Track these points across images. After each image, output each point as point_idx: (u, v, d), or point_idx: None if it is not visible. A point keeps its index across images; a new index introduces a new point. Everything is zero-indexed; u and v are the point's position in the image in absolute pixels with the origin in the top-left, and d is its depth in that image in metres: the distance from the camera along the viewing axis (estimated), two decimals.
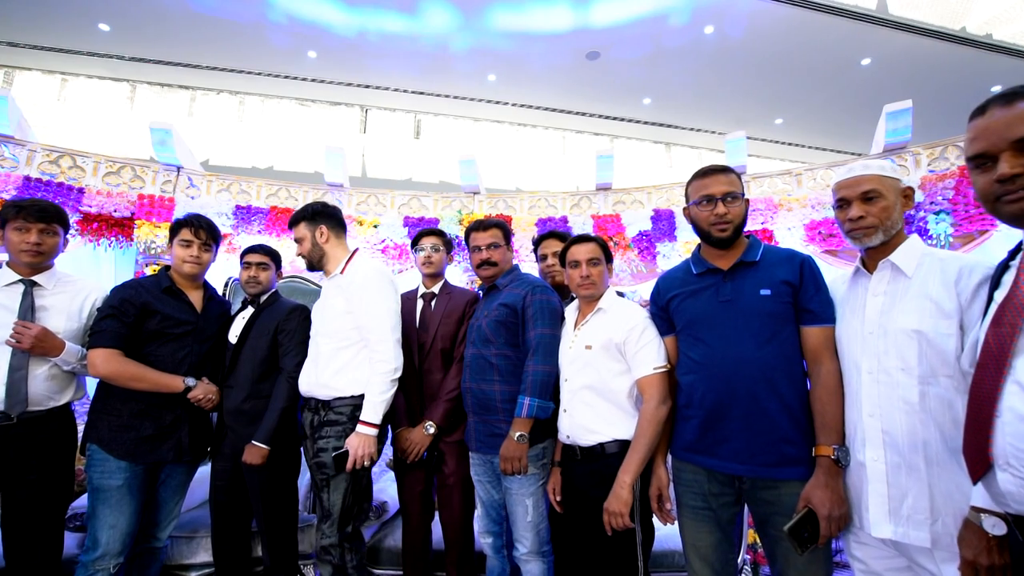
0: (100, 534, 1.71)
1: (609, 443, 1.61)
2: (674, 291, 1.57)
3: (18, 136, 3.82)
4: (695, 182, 1.54)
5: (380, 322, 1.88)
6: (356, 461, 1.76)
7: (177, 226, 2.05)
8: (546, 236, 2.27)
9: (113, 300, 1.85)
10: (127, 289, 1.91)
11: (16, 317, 1.68)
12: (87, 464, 1.78)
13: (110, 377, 1.78)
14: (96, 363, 1.76)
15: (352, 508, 1.87)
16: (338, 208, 2.13)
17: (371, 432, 1.79)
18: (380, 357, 1.85)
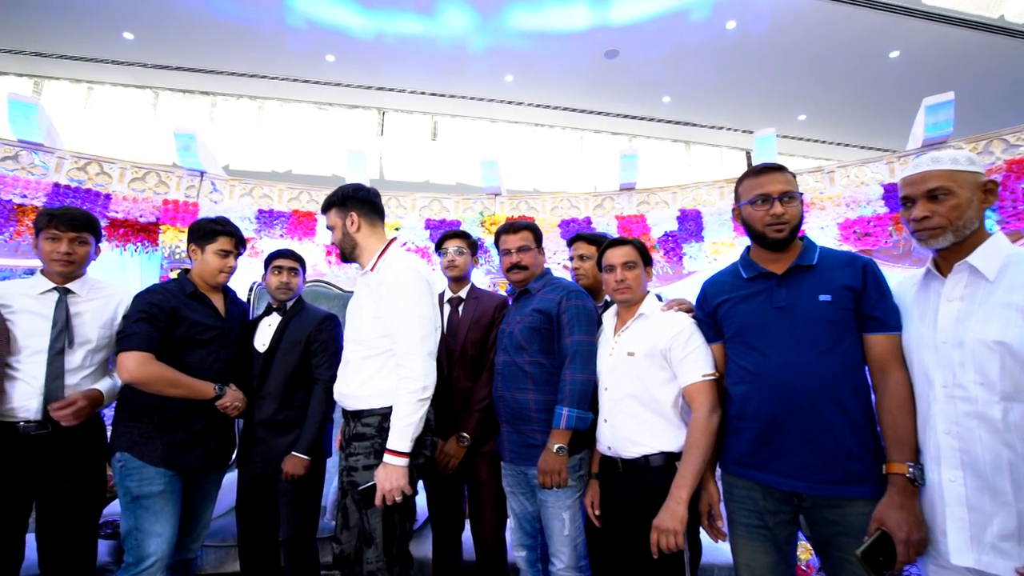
0: (148, 543, 1.65)
1: (654, 455, 1.53)
2: (722, 296, 1.49)
3: (48, 144, 3.87)
4: (748, 181, 1.46)
5: (409, 331, 1.59)
6: (385, 497, 1.51)
7: (212, 233, 1.94)
8: (575, 238, 2.20)
9: (141, 305, 1.76)
10: (154, 294, 1.83)
11: (51, 325, 1.67)
12: (121, 474, 1.69)
13: (143, 381, 1.68)
14: (128, 366, 1.66)
15: (396, 529, 1.64)
16: (374, 191, 1.83)
17: (399, 463, 1.51)
18: (406, 373, 1.56)
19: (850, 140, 9.33)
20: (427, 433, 1.67)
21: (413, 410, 1.54)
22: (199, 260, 1.94)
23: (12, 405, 1.60)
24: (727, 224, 4.05)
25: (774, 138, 4.01)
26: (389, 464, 1.51)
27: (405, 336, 1.59)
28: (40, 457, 1.62)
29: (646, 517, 1.49)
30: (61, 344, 1.68)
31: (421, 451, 1.65)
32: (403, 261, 1.70)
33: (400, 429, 1.54)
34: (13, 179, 3.65)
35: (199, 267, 1.95)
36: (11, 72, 7.78)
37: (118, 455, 1.72)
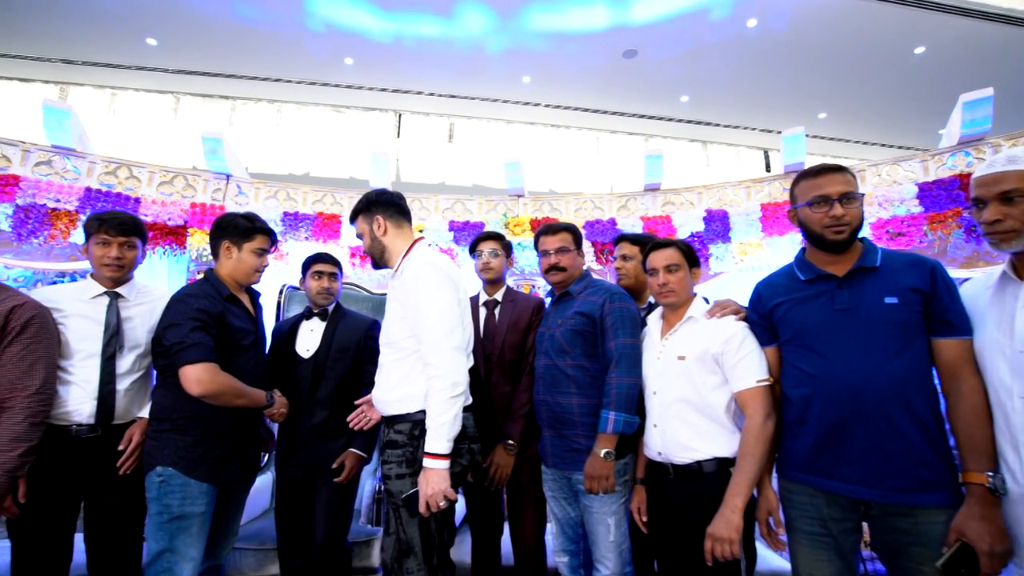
0: (182, 568, 1.57)
1: (707, 461, 1.50)
2: (778, 299, 1.46)
3: (79, 149, 3.93)
4: (806, 182, 1.42)
5: (431, 327, 1.53)
6: (428, 504, 1.44)
7: (251, 231, 1.84)
8: (619, 238, 2.18)
9: (190, 311, 1.64)
10: (198, 299, 1.70)
11: (103, 329, 1.69)
12: (161, 490, 1.57)
13: (214, 394, 1.59)
14: (200, 379, 1.57)
15: (435, 538, 1.57)
16: (399, 195, 1.82)
17: (438, 465, 1.44)
18: (434, 371, 1.50)
19: (871, 138, 9.18)
20: (463, 441, 1.60)
21: (446, 408, 1.47)
22: (234, 259, 1.82)
23: (67, 408, 1.61)
24: (755, 224, 4.00)
25: (803, 137, 3.95)
26: (428, 469, 1.44)
27: (428, 332, 1.53)
28: (90, 460, 1.63)
29: (700, 524, 1.47)
30: (113, 348, 1.69)
31: (457, 460, 1.57)
32: (423, 257, 1.66)
33: (434, 430, 1.46)
34: (47, 184, 3.71)
35: (234, 266, 1.82)
36: (38, 79, 7.94)
37: (159, 469, 1.59)
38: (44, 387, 1.52)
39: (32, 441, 1.47)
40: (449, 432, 1.46)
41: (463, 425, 1.59)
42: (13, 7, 6.31)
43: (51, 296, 1.68)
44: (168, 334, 1.62)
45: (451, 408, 1.47)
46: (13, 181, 3.59)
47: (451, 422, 1.46)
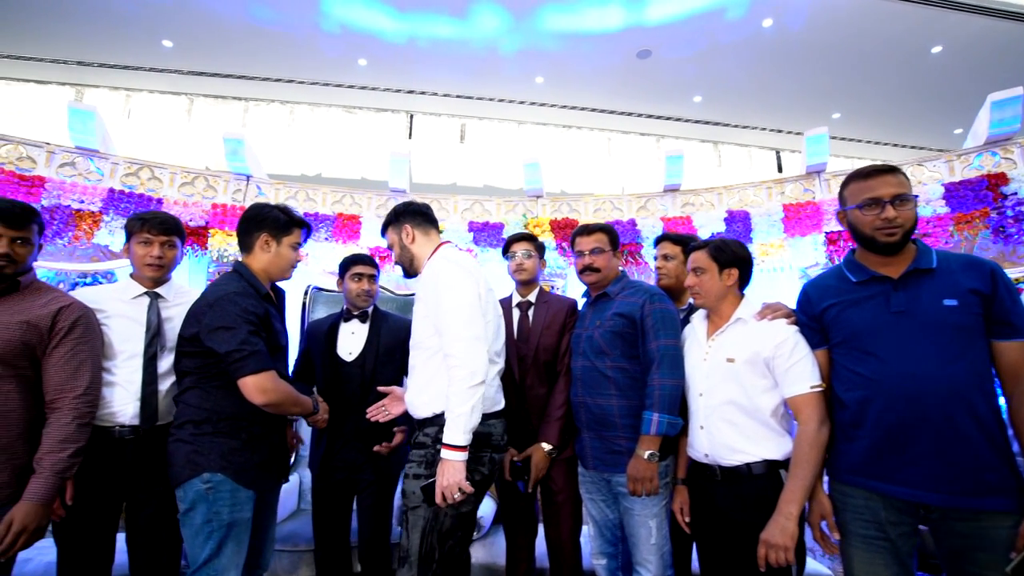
0: None
1: (756, 463, 1.49)
2: (829, 300, 1.45)
3: (102, 150, 3.96)
4: (856, 184, 1.41)
5: (450, 318, 1.52)
6: (443, 493, 1.42)
7: (290, 224, 1.74)
8: (661, 238, 2.17)
9: (241, 312, 1.52)
10: (245, 297, 1.57)
11: (144, 329, 1.69)
12: (209, 497, 1.48)
13: (276, 403, 1.52)
14: (267, 389, 1.48)
15: (433, 553, 1.50)
16: (425, 204, 1.85)
17: (454, 457, 1.41)
18: (454, 361, 1.48)
19: (885, 138, 9.12)
20: (485, 449, 1.58)
21: (464, 399, 1.44)
22: (272, 253, 1.70)
23: (111, 410, 1.61)
24: (776, 225, 3.98)
25: (826, 137, 3.92)
26: (445, 459, 1.43)
27: (447, 324, 1.53)
28: (133, 462, 1.62)
29: (750, 526, 1.46)
30: (154, 349, 1.69)
31: (478, 467, 1.54)
32: (443, 255, 1.69)
33: (451, 420, 1.45)
34: (71, 185, 3.74)
35: (271, 260, 1.70)
36: (54, 81, 8.00)
37: (206, 476, 1.49)
38: (91, 388, 1.53)
39: (80, 443, 1.47)
40: (466, 424, 1.43)
41: (488, 433, 1.59)
42: (32, 10, 6.37)
43: (93, 297, 1.69)
44: (219, 337, 1.49)
45: (468, 399, 1.44)
46: (39, 182, 3.62)
47: (468, 413, 1.43)
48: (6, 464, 1.40)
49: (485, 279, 1.71)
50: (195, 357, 1.56)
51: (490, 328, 1.64)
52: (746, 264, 1.65)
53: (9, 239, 1.44)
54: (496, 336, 1.71)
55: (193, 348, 1.55)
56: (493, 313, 1.71)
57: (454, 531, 1.54)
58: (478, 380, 1.46)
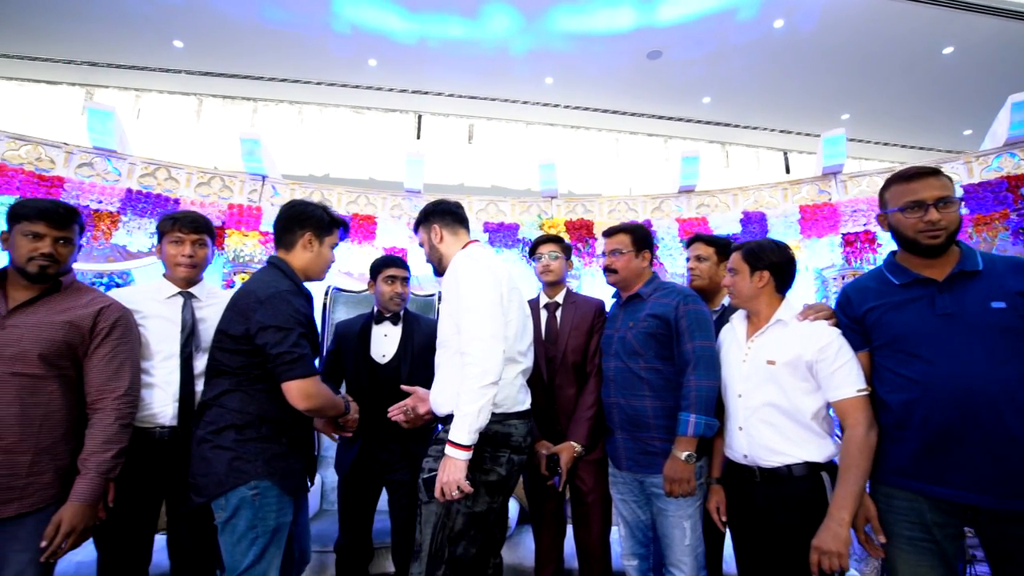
0: None
1: (797, 465, 1.49)
2: (871, 303, 1.45)
3: (120, 150, 3.97)
4: (897, 186, 1.41)
5: (469, 316, 1.49)
6: (442, 489, 1.40)
7: (332, 223, 1.71)
8: (694, 239, 2.18)
9: (294, 314, 1.47)
10: (296, 297, 1.53)
11: (179, 329, 1.69)
12: (255, 505, 1.43)
13: (318, 408, 1.50)
14: (311, 394, 1.45)
15: (442, 552, 1.46)
16: (456, 203, 1.82)
17: (456, 455, 1.39)
18: (467, 359, 1.45)
19: (893, 139, 9.10)
20: (504, 450, 1.54)
21: (472, 399, 1.41)
22: (314, 252, 1.65)
23: (151, 411, 1.62)
24: (793, 227, 3.98)
25: (843, 138, 3.92)
26: (447, 456, 1.41)
27: (466, 321, 1.50)
28: (171, 461, 1.62)
29: (791, 528, 1.46)
30: (190, 349, 1.69)
31: (494, 468, 1.51)
32: (466, 252, 1.66)
33: (457, 418, 1.41)
34: (90, 185, 3.75)
35: (311, 260, 1.65)
36: (64, 81, 8.03)
37: (253, 483, 1.43)
38: (131, 389, 1.53)
39: (123, 443, 1.48)
40: (471, 424, 1.40)
41: (507, 433, 1.55)
42: (44, 11, 6.39)
43: (129, 297, 1.69)
44: (270, 336, 1.43)
45: (477, 399, 1.41)
46: (58, 183, 3.63)
47: (475, 414, 1.40)
48: (49, 465, 1.40)
49: (511, 277, 1.68)
50: (239, 355, 1.48)
51: (511, 327, 1.60)
52: (780, 268, 1.64)
53: (52, 239, 1.45)
54: (521, 336, 1.67)
55: (238, 346, 1.48)
56: (518, 312, 1.67)
57: (466, 532, 1.49)
58: (489, 380, 1.42)
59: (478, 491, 1.48)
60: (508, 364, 1.56)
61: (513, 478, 1.59)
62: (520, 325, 1.67)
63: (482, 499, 1.50)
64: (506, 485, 1.57)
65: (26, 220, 1.42)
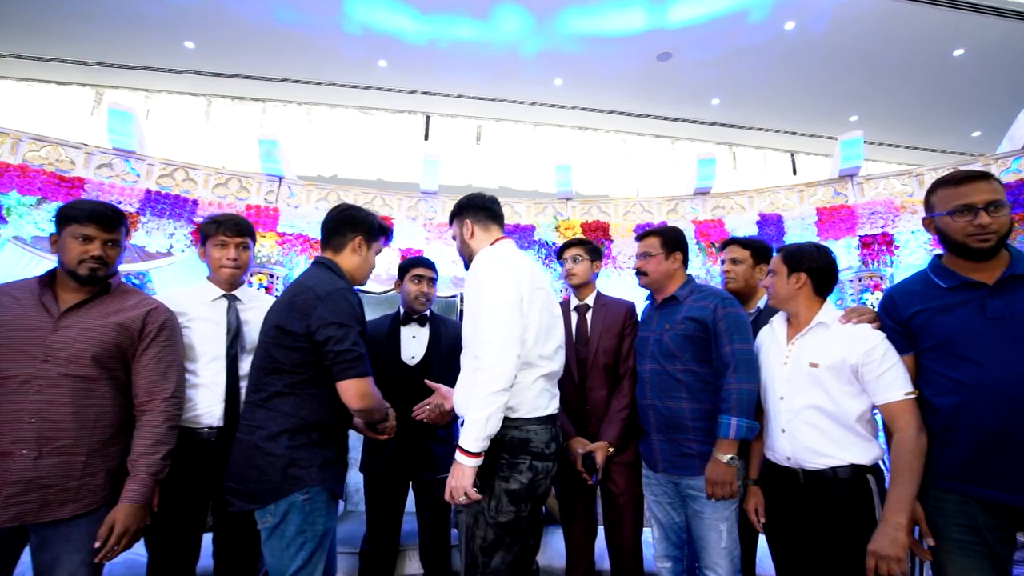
0: None
1: (842, 468, 1.49)
2: (917, 306, 1.45)
3: (139, 151, 3.98)
4: (945, 190, 1.41)
5: (484, 318, 1.44)
6: (450, 492, 1.39)
7: (382, 231, 1.72)
8: (729, 242, 2.19)
9: (352, 310, 1.46)
10: (353, 295, 1.51)
11: (225, 331, 1.70)
12: (305, 510, 1.41)
13: (370, 409, 1.48)
14: (367, 394, 1.44)
15: (476, 563, 1.44)
16: (491, 198, 1.75)
17: (464, 462, 1.36)
18: (479, 364, 1.40)
19: (902, 141, 9.11)
20: (524, 456, 1.47)
21: (481, 405, 1.36)
22: (362, 257, 1.64)
23: (198, 411, 1.63)
24: (810, 229, 3.98)
25: (861, 141, 3.93)
26: (456, 461, 1.39)
27: (482, 324, 1.44)
28: (218, 462, 1.61)
29: (837, 531, 1.47)
30: (235, 350, 1.70)
31: (514, 475, 1.45)
32: (489, 252, 1.59)
33: (467, 425, 1.37)
34: (110, 186, 3.76)
35: (359, 264, 1.64)
36: (74, 82, 8.04)
37: (310, 489, 1.41)
38: (178, 390, 1.54)
39: (171, 445, 1.48)
40: (479, 431, 1.36)
41: (526, 439, 1.48)
42: (56, 13, 6.41)
43: (174, 299, 1.70)
44: (332, 332, 1.40)
45: (486, 406, 1.36)
46: (79, 184, 3.64)
47: (483, 421, 1.36)
48: (101, 466, 1.41)
49: (537, 278, 1.61)
50: (296, 352, 1.44)
51: (531, 330, 1.53)
52: (820, 272, 1.64)
53: (102, 241, 1.46)
54: (544, 339, 1.58)
55: (295, 343, 1.43)
56: (542, 314, 1.59)
57: (500, 542, 1.45)
58: (499, 387, 1.37)
59: (500, 500, 1.44)
60: (526, 368, 1.51)
61: (540, 486, 1.51)
62: (544, 328, 1.59)
63: (505, 508, 1.45)
64: (531, 494, 1.49)
65: (76, 223, 1.43)
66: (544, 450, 1.51)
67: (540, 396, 1.56)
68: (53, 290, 1.45)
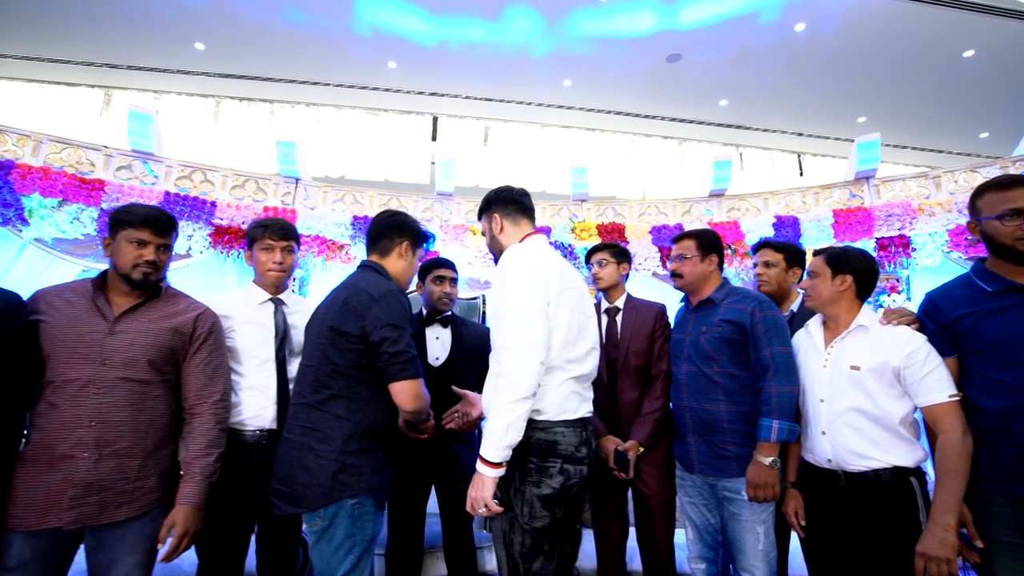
0: None
1: (885, 470, 1.51)
2: (962, 310, 1.46)
3: (157, 153, 3.99)
4: (993, 194, 1.43)
5: (505, 321, 1.40)
6: (471, 504, 1.36)
7: (423, 238, 1.73)
8: (761, 245, 2.20)
9: (405, 313, 1.48)
10: (404, 298, 1.51)
11: (273, 334, 1.71)
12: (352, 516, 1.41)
13: (420, 411, 1.48)
14: (419, 395, 1.44)
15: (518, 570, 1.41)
16: (520, 190, 1.69)
17: (485, 472, 1.32)
18: (499, 370, 1.37)
19: (909, 142, 9.12)
20: (554, 460, 1.42)
21: (501, 413, 1.32)
22: (407, 262, 1.66)
23: (251, 414, 1.64)
24: (826, 231, 3.99)
25: (878, 143, 3.94)
26: (477, 471, 1.35)
27: (503, 328, 1.40)
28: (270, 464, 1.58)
29: (880, 533, 1.48)
30: (284, 353, 1.72)
31: (543, 479, 1.40)
32: (515, 250, 1.52)
33: (487, 433, 1.34)
34: (130, 188, 3.77)
35: (405, 268, 1.65)
36: (83, 83, 8.05)
37: (362, 498, 1.41)
38: (226, 394, 1.56)
39: (222, 448, 1.50)
40: (499, 440, 1.31)
41: (554, 441, 1.43)
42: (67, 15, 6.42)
43: (219, 303, 1.71)
44: (388, 333, 1.41)
45: (506, 414, 1.32)
46: (99, 186, 3.65)
47: (503, 429, 1.31)
48: (154, 469, 1.42)
49: (567, 277, 1.53)
50: (350, 353, 1.44)
51: (558, 333, 1.46)
52: (864, 274, 1.66)
53: (156, 246, 1.47)
54: (574, 341, 1.51)
55: (350, 344, 1.43)
56: (573, 315, 1.52)
57: (538, 547, 1.41)
58: (520, 395, 1.32)
59: (533, 505, 1.40)
60: (552, 371, 1.46)
61: (573, 490, 1.46)
62: (573, 329, 1.52)
63: (539, 513, 1.40)
64: (563, 497, 1.44)
65: (131, 227, 1.44)
66: (575, 453, 1.46)
67: (568, 399, 1.49)
68: (105, 293, 1.46)
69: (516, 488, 1.42)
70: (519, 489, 1.41)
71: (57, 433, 1.30)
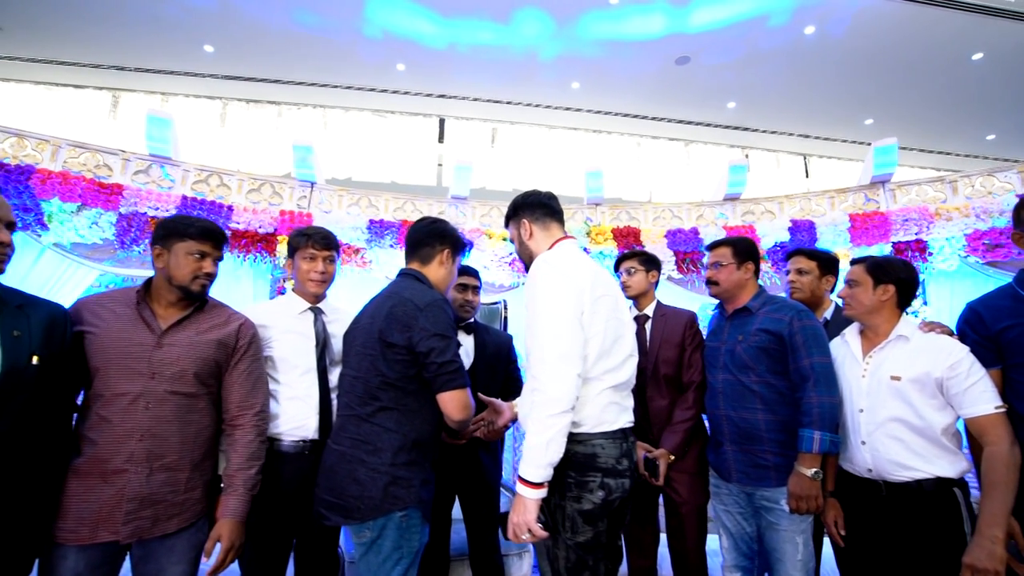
0: None
1: (927, 480, 1.51)
2: (1008, 321, 1.46)
3: (175, 157, 4.00)
4: None
5: (538, 332, 1.34)
6: (512, 531, 1.28)
7: (463, 246, 1.70)
8: (794, 252, 2.20)
9: (451, 322, 1.46)
10: (449, 307, 1.50)
11: (314, 343, 1.71)
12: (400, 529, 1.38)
13: (465, 421, 1.46)
14: (467, 404, 1.42)
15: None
16: (548, 194, 1.63)
17: (526, 494, 1.25)
18: (535, 384, 1.31)
19: (916, 144, 9.13)
20: (594, 474, 1.36)
21: (540, 429, 1.26)
22: (447, 270, 1.63)
23: (296, 423, 1.63)
24: (843, 235, 4.00)
25: (895, 147, 3.95)
26: (517, 493, 1.27)
27: (536, 339, 1.35)
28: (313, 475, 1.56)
29: (922, 544, 1.48)
30: (324, 363, 1.71)
31: (583, 494, 1.34)
32: (546, 257, 1.46)
33: (527, 451, 1.27)
34: (147, 192, 3.77)
35: (444, 276, 1.63)
36: (90, 85, 8.05)
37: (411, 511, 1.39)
38: (265, 405, 1.55)
39: (263, 460, 1.49)
40: (540, 458, 1.25)
41: (592, 454, 1.38)
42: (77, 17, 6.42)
43: (258, 313, 1.70)
44: (436, 343, 1.38)
45: (546, 429, 1.26)
46: (117, 190, 3.65)
47: (543, 446, 1.25)
48: (199, 481, 1.42)
49: (602, 284, 1.46)
50: (399, 364, 1.40)
51: (594, 343, 1.40)
52: (906, 284, 1.65)
53: (213, 259, 1.47)
54: (610, 350, 1.45)
55: (397, 356, 1.40)
56: (608, 323, 1.45)
57: (583, 564, 1.36)
58: (559, 408, 1.26)
59: (575, 521, 1.34)
60: (589, 382, 1.40)
61: (615, 504, 1.39)
62: (609, 338, 1.45)
63: (582, 529, 1.34)
64: (605, 512, 1.37)
65: (191, 239, 1.43)
66: (616, 466, 1.39)
67: (607, 410, 1.43)
68: (149, 304, 1.46)
69: (556, 503, 1.39)
70: (559, 504, 1.36)
71: (110, 447, 1.29)
